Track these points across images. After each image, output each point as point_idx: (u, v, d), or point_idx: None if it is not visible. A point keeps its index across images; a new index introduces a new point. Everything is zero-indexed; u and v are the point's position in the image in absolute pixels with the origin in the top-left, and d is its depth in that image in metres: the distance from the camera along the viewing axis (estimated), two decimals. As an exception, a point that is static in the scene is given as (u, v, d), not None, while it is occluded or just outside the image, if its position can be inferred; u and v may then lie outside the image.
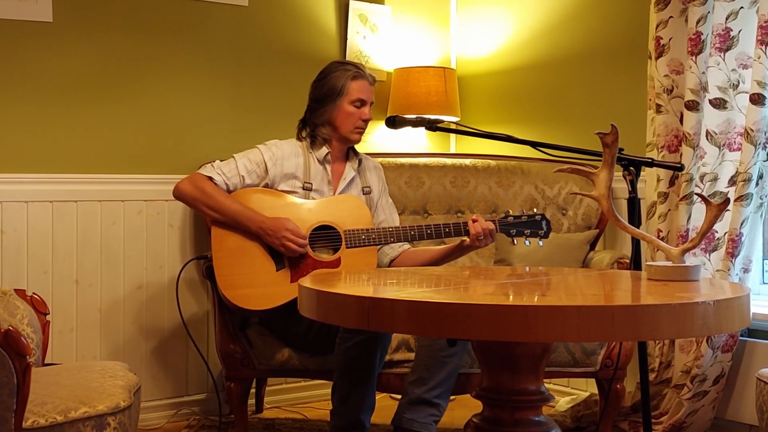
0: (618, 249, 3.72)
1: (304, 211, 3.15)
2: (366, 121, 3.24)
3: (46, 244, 3.46)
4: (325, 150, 3.25)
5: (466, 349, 3.01)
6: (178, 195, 3.20)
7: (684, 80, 3.33)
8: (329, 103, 3.21)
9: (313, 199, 3.20)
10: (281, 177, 3.21)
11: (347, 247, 3.11)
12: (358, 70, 3.23)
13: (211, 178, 3.15)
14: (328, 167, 3.26)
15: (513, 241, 3.11)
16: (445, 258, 3.23)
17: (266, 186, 3.21)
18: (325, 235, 3.14)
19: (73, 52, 3.53)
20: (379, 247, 3.23)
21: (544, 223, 3.10)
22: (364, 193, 3.31)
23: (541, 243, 3.11)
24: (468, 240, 3.09)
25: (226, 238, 3.11)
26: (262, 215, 3.09)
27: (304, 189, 3.20)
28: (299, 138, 3.30)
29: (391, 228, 3.16)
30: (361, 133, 3.26)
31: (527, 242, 3.10)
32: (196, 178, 3.17)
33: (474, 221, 3.07)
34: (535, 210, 3.15)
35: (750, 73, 3.19)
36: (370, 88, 3.25)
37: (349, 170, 3.30)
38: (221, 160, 3.24)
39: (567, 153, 2.78)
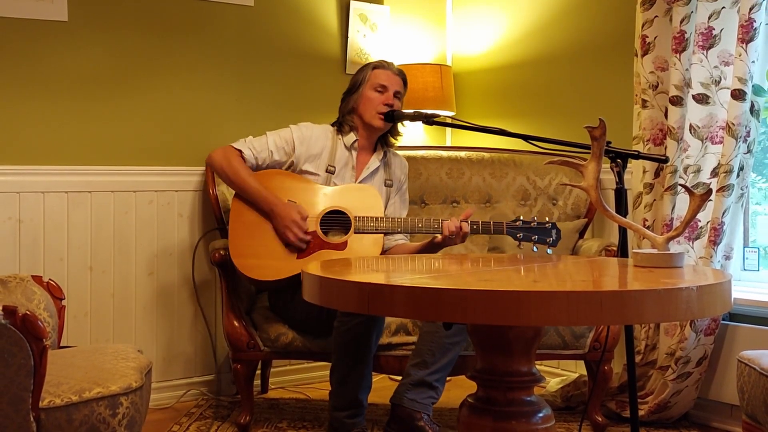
0: (606, 237, 3.72)
1: (319, 195, 3.15)
2: (389, 106, 3.20)
3: (62, 233, 3.45)
4: (353, 137, 3.24)
5: (467, 337, 3.01)
6: (209, 162, 3.23)
7: (668, 77, 3.32)
8: (354, 92, 3.25)
9: (335, 183, 3.19)
10: (306, 157, 3.20)
11: (356, 233, 3.10)
12: (381, 62, 3.29)
13: (241, 152, 3.16)
14: (354, 154, 3.25)
15: (519, 245, 3.03)
16: (422, 253, 3.16)
17: (292, 164, 3.20)
18: (338, 219, 3.13)
19: (87, 49, 3.52)
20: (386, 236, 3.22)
21: (554, 231, 3.02)
22: (386, 185, 3.29)
23: (549, 251, 2.99)
24: (439, 237, 3.05)
25: (245, 211, 3.12)
26: (277, 199, 3.08)
27: (327, 172, 3.20)
28: (333, 125, 3.31)
29: (400, 219, 3.13)
30: (383, 120, 3.21)
31: (534, 248, 3.00)
32: (227, 151, 3.18)
33: (463, 219, 3.02)
34: (547, 219, 3.06)
35: (731, 69, 3.18)
36: (395, 78, 3.25)
37: (374, 161, 3.29)
38: (253, 136, 3.24)
39: (557, 146, 2.77)
